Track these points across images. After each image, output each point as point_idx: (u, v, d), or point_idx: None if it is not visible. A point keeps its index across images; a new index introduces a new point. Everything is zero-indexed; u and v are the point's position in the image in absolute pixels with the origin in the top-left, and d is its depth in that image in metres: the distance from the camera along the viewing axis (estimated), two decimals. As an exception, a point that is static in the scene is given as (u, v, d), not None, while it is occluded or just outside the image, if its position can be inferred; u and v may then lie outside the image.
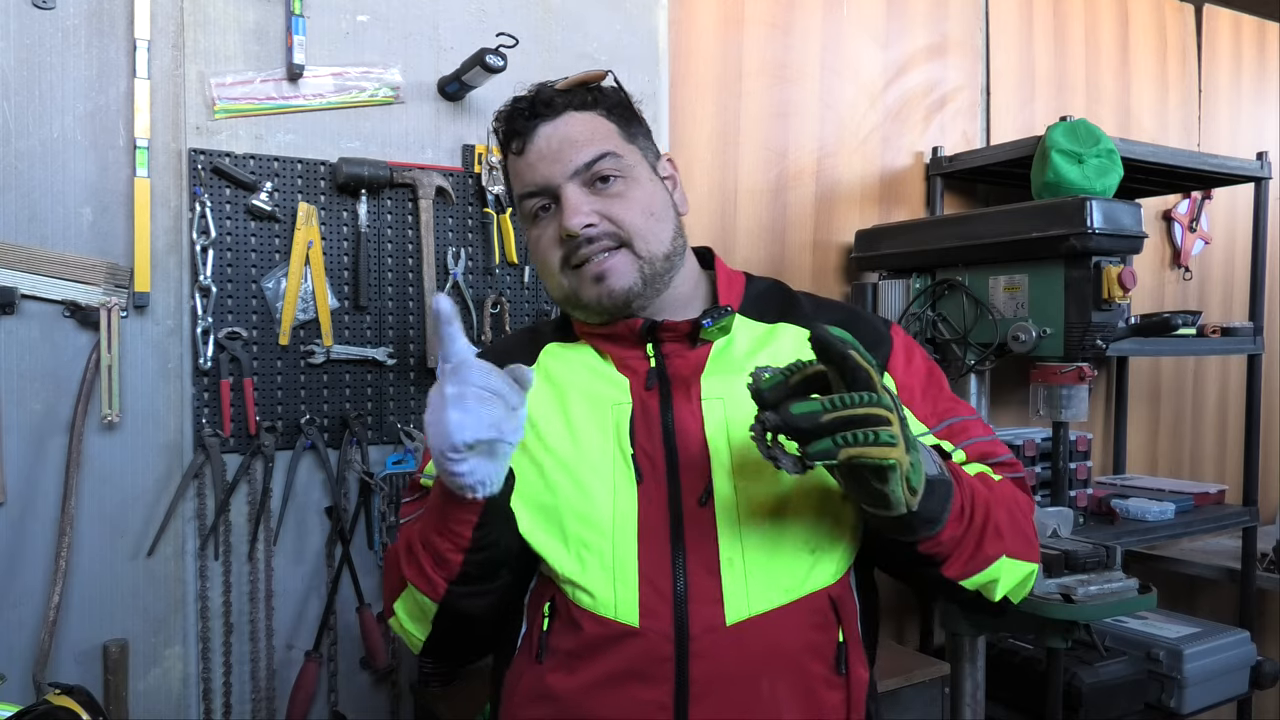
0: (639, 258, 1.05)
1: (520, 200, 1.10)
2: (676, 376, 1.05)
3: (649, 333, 1.06)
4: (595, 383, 1.07)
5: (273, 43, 1.72)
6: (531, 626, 1.03)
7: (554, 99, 1.07)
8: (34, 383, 1.57)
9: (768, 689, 0.96)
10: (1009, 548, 0.98)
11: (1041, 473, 2.44)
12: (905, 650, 2.06)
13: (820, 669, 0.98)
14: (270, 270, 1.73)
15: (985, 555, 0.95)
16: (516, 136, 1.08)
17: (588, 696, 0.97)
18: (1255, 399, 2.72)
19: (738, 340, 1.08)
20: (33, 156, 1.56)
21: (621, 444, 1.02)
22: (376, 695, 1.85)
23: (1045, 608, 1.79)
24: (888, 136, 2.56)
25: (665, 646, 0.95)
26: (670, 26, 2.15)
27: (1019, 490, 1.07)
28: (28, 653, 1.55)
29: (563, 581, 0.99)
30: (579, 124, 1.07)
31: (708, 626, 0.95)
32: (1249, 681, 2.48)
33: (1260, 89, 3.40)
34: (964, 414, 1.10)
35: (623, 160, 1.07)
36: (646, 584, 0.96)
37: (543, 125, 1.07)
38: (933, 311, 2.22)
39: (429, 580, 0.98)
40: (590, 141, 1.06)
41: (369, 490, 1.80)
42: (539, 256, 1.09)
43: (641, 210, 1.06)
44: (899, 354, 1.09)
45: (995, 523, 0.96)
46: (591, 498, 1.00)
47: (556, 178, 1.05)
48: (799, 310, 1.12)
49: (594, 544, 0.98)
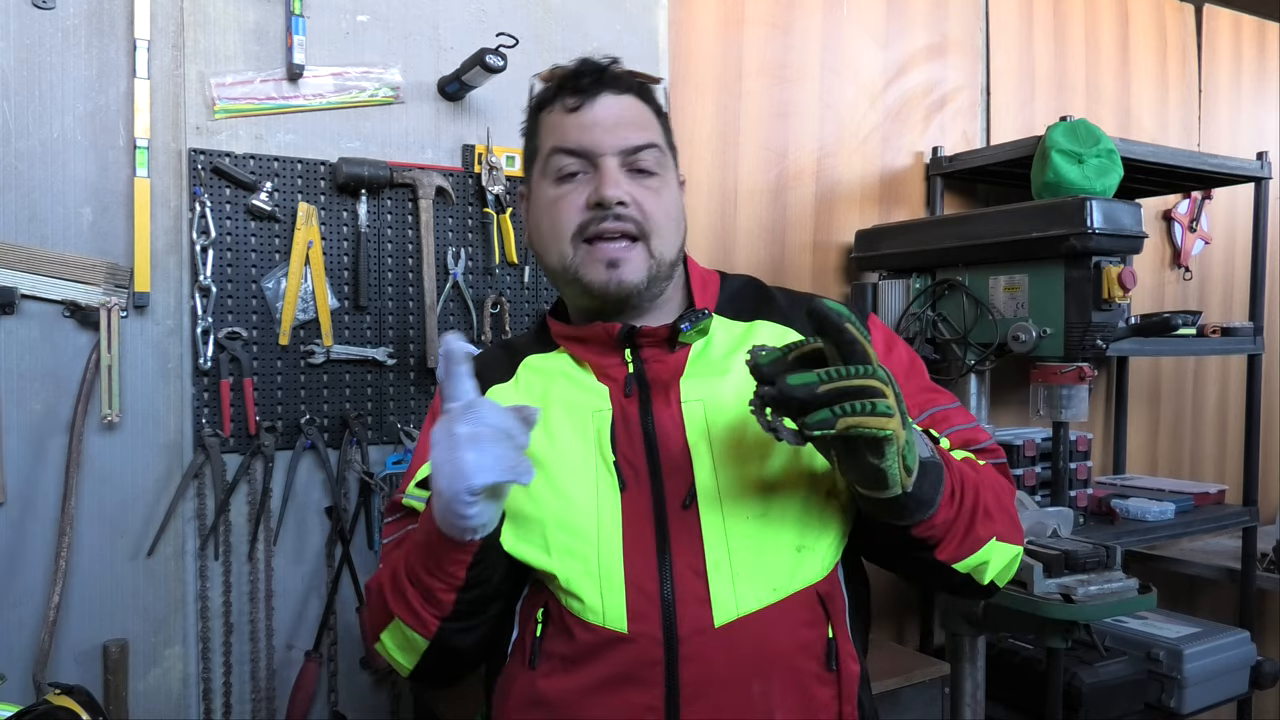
0: (652, 256, 1.05)
1: (551, 155, 1.07)
2: (656, 381, 1.05)
3: (626, 338, 1.05)
4: (574, 391, 1.07)
5: (273, 43, 1.72)
6: (524, 633, 1.03)
7: (622, 77, 1.08)
8: (34, 383, 1.57)
9: (759, 689, 0.96)
10: (998, 530, 0.98)
11: (1041, 473, 2.43)
12: (905, 650, 2.06)
13: (811, 666, 0.98)
14: (270, 270, 1.73)
15: (977, 537, 0.96)
16: (577, 94, 1.06)
17: (580, 701, 0.97)
18: (1255, 399, 2.72)
19: (716, 340, 1.08)
20: (33, 156, 1.56)
21: (603, 451, 1.02)
22: (376, 695, 1.85)
23: (1045, 608, 1.79)
24: (888, 136, 2.56)
25: (655, 650, 0.95)
26: (670, 26, 2.15)
27: (1001, 475, 1.08)
28: (28, 653, 1.55)
29: (558, 589, 0.99)
30: (639, 109, 1.08)
31: (696, 629, 0.95)
32: (1249, 681, 2.48)
33: (1260, 89, 3.40)
34: (945, 403, 1.11)
35: (665, 159, 1.09)
36: (634, 589, 0.96)
37: (607, 94, 1.06)
38: (933, 311, 2.22)
39: (419, 618, 0.98)
40: (645, 129, 1.07)
41: (369, 490, 1.80)
42: (549, 218, 1.07)
43: (666, 211, 1.07)
44: (878, 344, 1.09)
45: (984, 504, 0.97)
46: (575, 506, 0.99)
47: (605, 148, 1.04)
48: (774, 306, 1.13)
49: (579, 552, 0.98)
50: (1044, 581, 1.82)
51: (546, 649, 0.99)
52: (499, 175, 1.89)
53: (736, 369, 1.04)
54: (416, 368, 1.86)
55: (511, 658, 1.04)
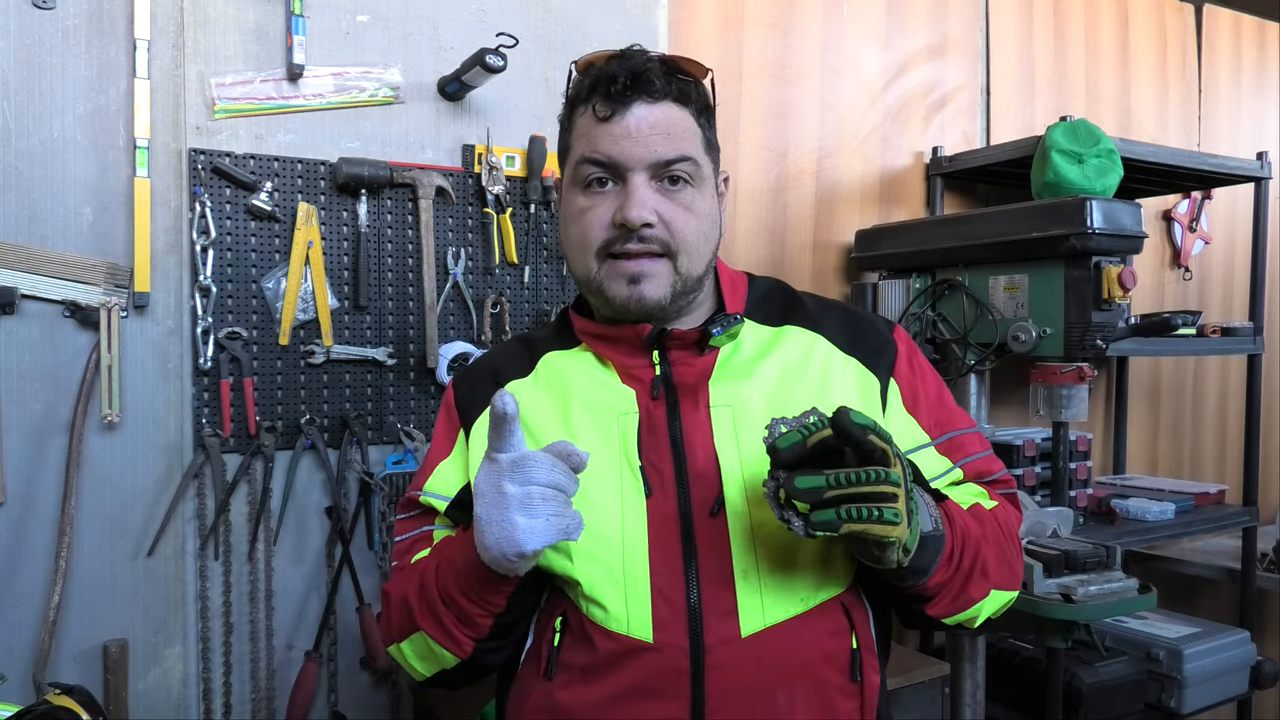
0: (678, 273, 1.01)
1: (580, 163, 1.03)
2: (683, 384, 1.02)
3: (655, 340, 1.03)
4: (599, 392, 1.04)
5: (273, 43, 1.72)
6: (540, 641, 1.01)
7: (657, 81, 1.00)
8: (34, 383, 1.57)
9: (784, 700, 0.95)
10: (993, 584, 1.00)
11: (1041, 473, 2.43)
12: (905, 650, 2.06)
13: (835, 677, 0.97)
14: (270, 270, 1.73)
15: (969, 597, 0.98)
16: (608, 101, 1.00)
17: (601, 713, 0.95)
18: (1255, 399, 2.72)
19: (744, 345, 1.06)
20: (33, 156, 1.56)
21: (628, 456, 0.99)
22: (376, 695, 1.85)
23: (1045, 608, 1.79)
24: (888, 136, 2.56)
25: (681, 660, 0.93)
26: (670, 26, 2.15)
27: (1009, 508, 1.09)
28: (28, 653, 1.55)
29: (579, 596, 0.97)
30: (674, 117, 1.01)
31: (723, 639, 0.93)
32: (1249, 681, 2.48)
33: (1260, 89, 3.40)
34: (963, 426, 1.10)
35: (699, 169, 1.03)
36: (660, 598, 0.94)
37: (639, 104, 1.00)
38: (933, 311, 2.22)
39: (452, 638, 0.96)
40: (679, 140, 1.01)
41: (369, 490, 1.80)
42: (577, 229, 1.03)
43: (697, 227, 1.02)
44: (903, 360, 1.09)
45: (983, 563, 0.98)
46: (599, 511, 0.97)
47: (633, 162, 0.99)
48: (804, 312, 1.11)
49: (603, 558, 0.96)
50: (1044, 581, 1.82)
51: (564, 660, 0.97)
52: (499, 175, 1.89)
53: (765, 374, 1.03)
54: (416, 368, 1.86)
55: (525, 666, 1.02)
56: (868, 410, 1.02)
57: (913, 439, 1.06)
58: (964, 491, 1.08)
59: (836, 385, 1.04)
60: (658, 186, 1.01)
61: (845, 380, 1.05)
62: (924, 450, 1.06)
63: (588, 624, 0.96)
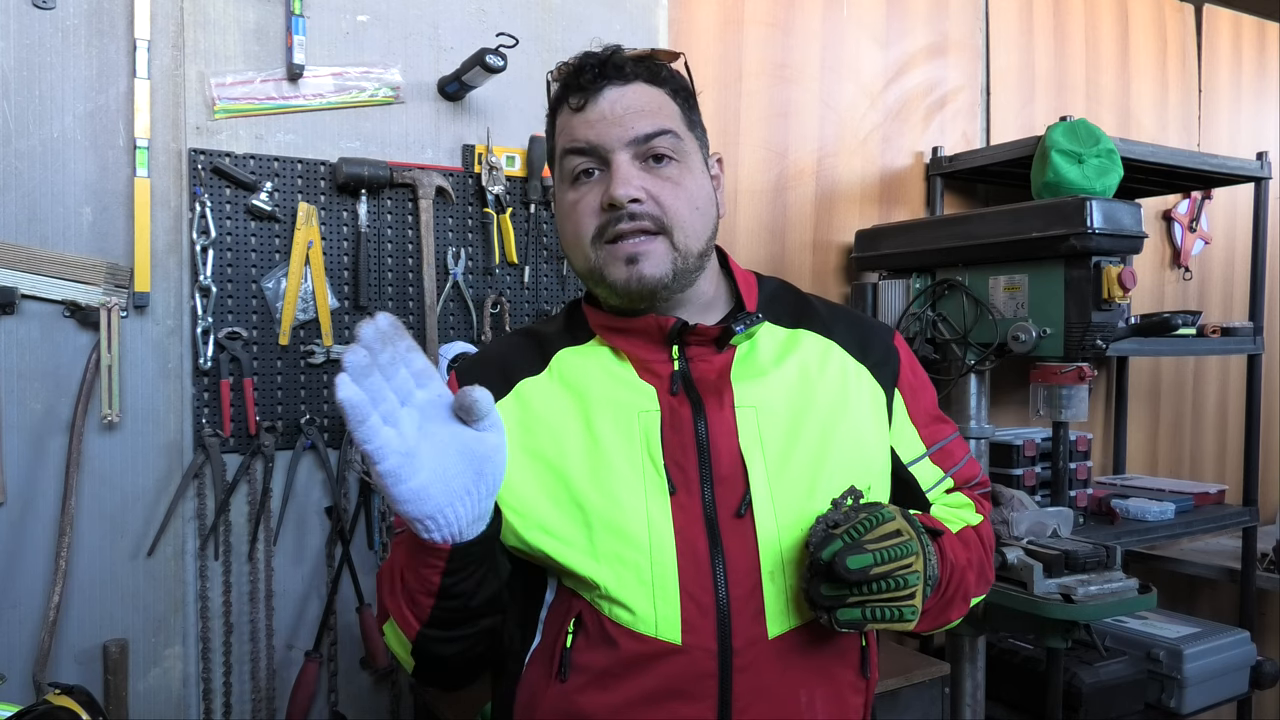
0: (675, 249, 1.00)
1: (563, 156, 1.03)
2: (703, 381, 1.01)
3: (677, 334, 1.01)
4: (618, 390, 1.02)
5: (273, 43, 1.72)
6: (549, 641, 0.99)
7: (626, 64, 1.01)
8: (34, 383, 1.57)
9: (805, 699, 0.96)
10: (970, 599, 1.07)
11: (1041, 473, 2.44)
12: (905, 650, 2.06)
13: (848, 675, 1.00)
14: (270, 270, 1.73)
15: (948, 619, 1.05)
16: (579, 92, 1.01)
17: (623, 715, 0.93)
18: (1255, 399, 2.72)
19: (762, 345, 1.05)
20: (33, 156, 1.56)
21: (652, 454, 0.98)
22: (376, 695, 1.85)
23: (1045, 608, 1.79)
24: (888, 136, 2.56)
25: (709, 663, 0.92)
26: (670, 26, 2.15)
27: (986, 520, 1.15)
28: (28, 653, 1.55)
29: (599, 597, 0.94)
30: (647, 95, 1.01)
31: (751, 640, 0.93)
32: (1249, 681, 2.48)
33: (1260, 89, 3.40)
34: (949, 433, 1.15)
35: (682, 144, 1.02)
36: (688, 599, 0.93)
37: (610, 88, 1.00)
38: (933, 311, 2.22)
39: (404, 618, 0.93)
40: (655, 115, 1.00)
41: (369, 490, 1.80)
42: (570, 223, 1.02)
43: (688, 201, 1.01)
44: (906, 370, 1.11)
45: (965, 588, 1.04)
46: (624, 510, 0.95)
47: (612, 142, 0.99)
48: (816, 316, 1.10)
49: (629, 558, 0.94)
50: (1044, 581, 1.82)
51: (578, 661, 0.95)
52: (499, 175, 1.89)
53: (785, 376, 1.03)
54: (416, 368, 1.85)
55: (531, 667, 1.00)
56: (875, 421, 1.05)
57: (913, 450, 1.09)
58: (953, 502, 1.12)
59: (854, 394, 1.05)
60: (643, 165, 1.00)
61: (860, 390, 1.06)
62: (921, 461, 1.10)
63: (609, 626, 0.94)
